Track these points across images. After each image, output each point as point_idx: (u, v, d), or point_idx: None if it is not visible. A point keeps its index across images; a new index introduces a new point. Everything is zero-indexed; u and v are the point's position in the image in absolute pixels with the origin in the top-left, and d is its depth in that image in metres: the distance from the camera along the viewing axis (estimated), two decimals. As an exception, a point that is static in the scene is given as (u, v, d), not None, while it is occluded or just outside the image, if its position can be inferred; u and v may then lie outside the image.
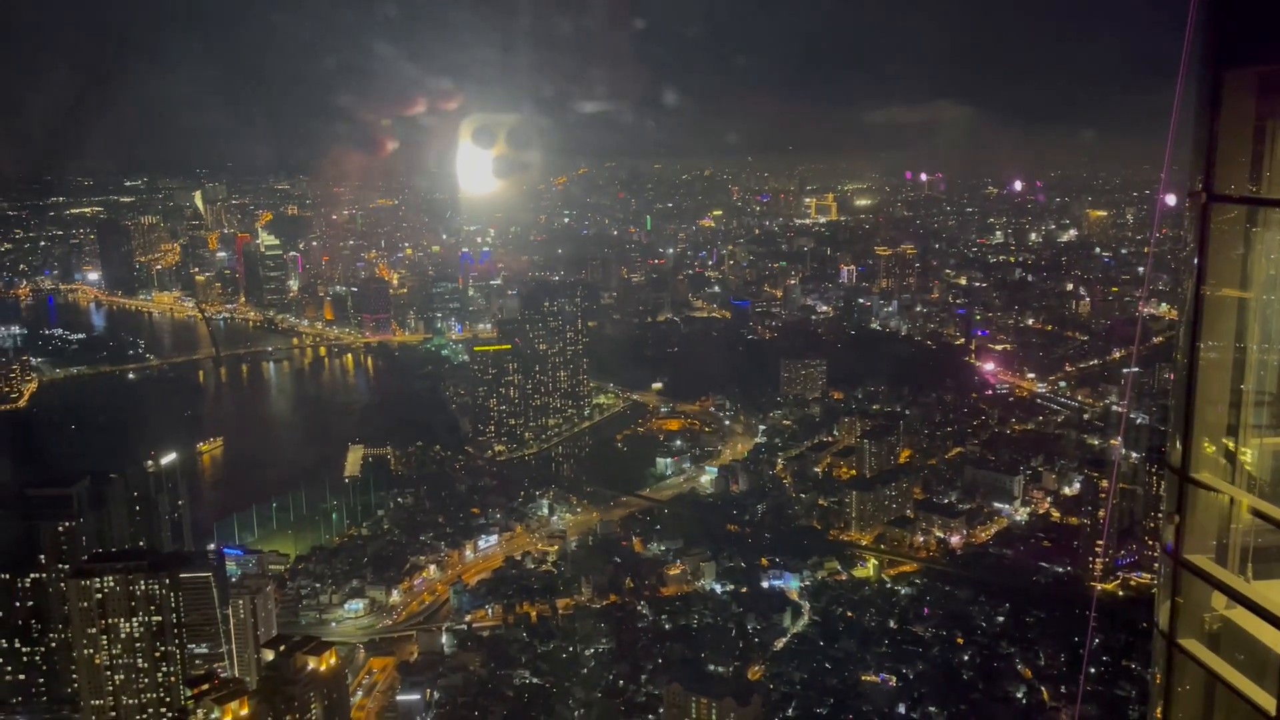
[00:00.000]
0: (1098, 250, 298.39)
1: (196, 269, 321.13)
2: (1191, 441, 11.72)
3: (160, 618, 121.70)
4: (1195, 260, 11.65)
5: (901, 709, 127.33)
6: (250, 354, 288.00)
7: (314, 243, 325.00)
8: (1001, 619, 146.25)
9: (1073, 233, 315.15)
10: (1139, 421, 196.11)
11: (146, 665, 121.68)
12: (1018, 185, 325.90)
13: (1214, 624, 11.82)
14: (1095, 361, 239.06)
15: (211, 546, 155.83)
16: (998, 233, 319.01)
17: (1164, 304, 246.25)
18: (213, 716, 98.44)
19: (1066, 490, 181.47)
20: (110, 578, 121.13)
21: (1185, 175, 12.00)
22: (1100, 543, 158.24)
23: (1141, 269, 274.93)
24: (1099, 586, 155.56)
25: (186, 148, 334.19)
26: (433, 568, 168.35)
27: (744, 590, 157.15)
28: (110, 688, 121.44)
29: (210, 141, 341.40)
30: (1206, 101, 11.26)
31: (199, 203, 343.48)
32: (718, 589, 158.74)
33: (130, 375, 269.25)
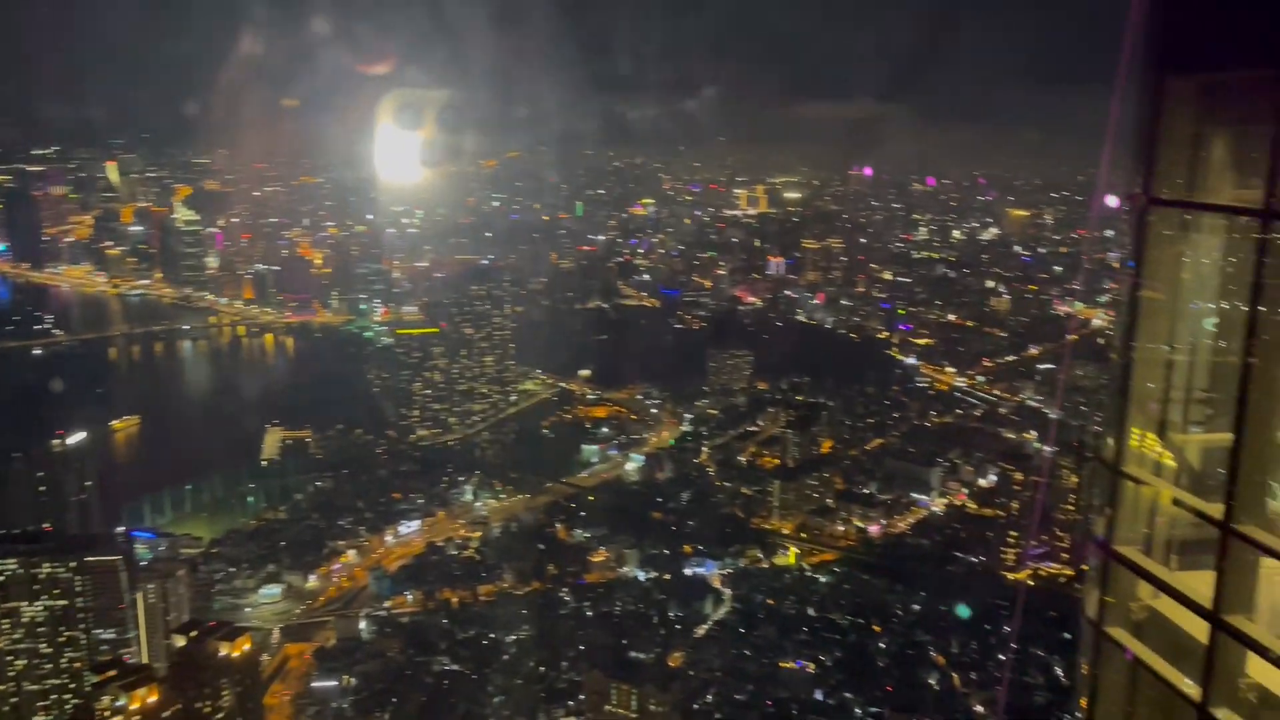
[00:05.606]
0: (1017, 249, 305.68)
1: (109, 243, 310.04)
2: (1125, 437, 12.04)
3: (65, 602, 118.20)
4: (1133, 262, 11.93)
5: (819, 695, 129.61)
6: (166, 332, 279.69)
7: (234, 219, 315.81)
8: (917, 607, 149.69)
9: (994, 231, 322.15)
10: (1052, 416, 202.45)
11: (50, 650, 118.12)
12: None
13: (1140, 613, 12.20)
14: (1012, 357, 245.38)
15: (120, 529, 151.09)
16: (922, 229, 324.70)
17: (1078, 304, 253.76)
18: (119, 704, 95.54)
19: (982, 482, 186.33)
20: (12, 560, 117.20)
21: (1123, 178, 12.28)
22: (1013, 534, 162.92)
23: (1058, 268, 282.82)
24: (1010, 576, 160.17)
25: (99, 117, 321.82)
26: (352, 553, 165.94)
27: (667, 578, 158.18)
28: (12, 673, 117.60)
29: (125, 111, 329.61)
30: (1148, 108, 11.55)
31: (113, 175, 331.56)
32: (641, 576, 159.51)
33: (36, 351, 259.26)
